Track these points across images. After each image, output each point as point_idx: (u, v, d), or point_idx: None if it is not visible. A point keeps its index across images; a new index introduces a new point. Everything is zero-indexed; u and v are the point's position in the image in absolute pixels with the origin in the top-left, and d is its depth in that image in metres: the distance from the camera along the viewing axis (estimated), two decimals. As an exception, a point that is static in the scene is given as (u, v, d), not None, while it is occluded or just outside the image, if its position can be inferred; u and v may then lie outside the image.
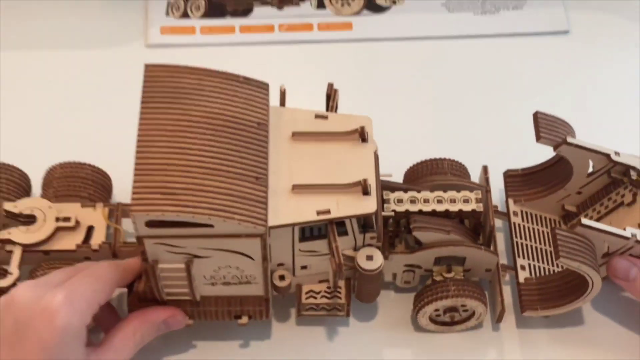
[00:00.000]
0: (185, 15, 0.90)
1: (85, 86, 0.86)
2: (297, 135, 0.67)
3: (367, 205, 0.64)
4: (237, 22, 0.90)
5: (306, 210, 0.64)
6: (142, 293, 0.67)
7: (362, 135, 0.66)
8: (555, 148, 0.70)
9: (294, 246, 0.66)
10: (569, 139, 0.69)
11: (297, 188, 0.64)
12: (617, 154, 0.70)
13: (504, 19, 0.91)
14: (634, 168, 0.69)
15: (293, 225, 0.64)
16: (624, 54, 0.90)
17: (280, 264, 0.68)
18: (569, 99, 0.86)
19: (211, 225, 0.61)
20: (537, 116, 0.70)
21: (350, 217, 0.64)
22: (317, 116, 0.68)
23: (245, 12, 0.91)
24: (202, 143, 0.62)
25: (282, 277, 0.68)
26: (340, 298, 0.70)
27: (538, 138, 0.70)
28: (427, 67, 0.88)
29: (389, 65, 0.88)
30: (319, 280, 0.70)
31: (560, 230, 0.64)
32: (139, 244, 0.63)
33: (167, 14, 0.90)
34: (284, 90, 0.69)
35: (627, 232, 0.65)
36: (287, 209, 0.63)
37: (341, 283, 0.70)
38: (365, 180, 0.64)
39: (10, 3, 0.90)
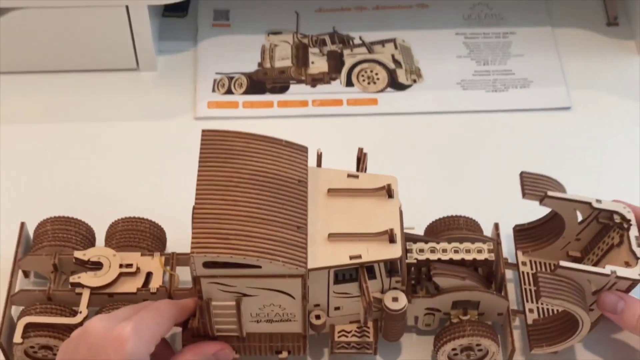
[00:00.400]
0: (229, 91, 1.00)
1: (142, 152, 0.96)
2: (332, 192, 0.77)
3: (393, 251, 0.74)
4: (275, 97, 1.00)
5: (340, 255, 0.73)
6: (195, 329, 0.77)
7: (388, 192, 0.76)
8: (540, 202, 0.79)
9: (329, 288, 0.76)
10: (550, 193, 0.79)
11: (333, 236, 0.74)
12: (598, 201, 0.79)
13: (512, 96, 1.00)
14: (616, 212, 0.78)
15: (329, 268, 0.73)
16: (622, 128, 0.98)
17: (317, 305, 0.77)
18: (569, 168, 0.94)
19: (259, 266, 0.71)
20: (522, 175, 0.80)
21: (378, 262, 0.74)
22: (349, 175, 0.78)
23: (283, 89, 1.01)
24: (250, 196, 0.72)
25: (318, 317, 0.77)
26: (369, 337, 0.79)
27: (524, 195, 0.79)
28: (444, 137, 0.98)
29: (411, 135, 0.97)
30: (350, 321, 0.79)
31: (542, 272, 0.74)
32: (195, 283, 0.72)
33: (214, 90, 1.00)
34: (321, 153, 0.79)
35: (607, 270, 0.74)
36: (323, 254, 0.73)
37: (370, 324, 0.79)
38: (391, 230, 0.74)
39: (77, 79, 1.01)
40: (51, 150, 0.96)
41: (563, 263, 0.74)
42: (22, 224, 0.84)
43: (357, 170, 0.80)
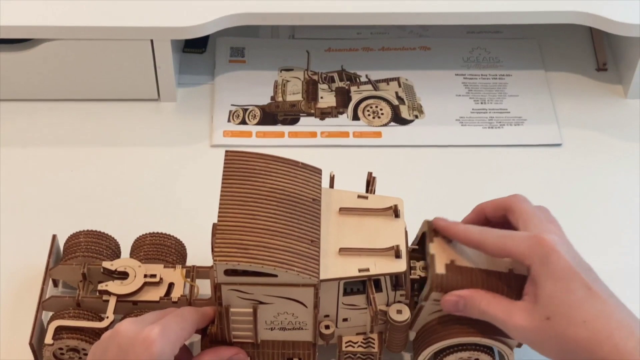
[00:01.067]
0: (243, 122, 1.06)
1: (162, 176, 1.01)
2: (343, 210, 0.83)
3: (399, 266, 0.80)
4: (286, 128, 1.05)
5: (350, 268, 0.79)
6: (213, 335, 0.82)
7: (395, 212, 0.83)
8: None
9: (338, 300, 0.82)
10: None
11: (343, 251, 0.80)
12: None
13: (507, 133, 1.06)
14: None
15: (339, 279, 0.80)
16: (609, 164, 1.04)
17: (326, 315, 0.83)
18: (559, 203, 0.99)
19: (275, 275, 0.77)
20: None
21: (384, 275, 0.81)
22: (359, 196, 0.84)
23: (293, 121, 1.07)
24: (269, 211, 0.79)
25: (327, 327, 0.83)
26: (374, 348, 0.85)
27: None
28: (444, 169, 1.04)
29: (413, 166, 1.03)
30: (356, 332, 0.85)
31: None
32: (216, 290, 0.78)
33: (229, 120, 1.06)
34: (333, 175, 0.85)
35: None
36: (335, 266, 0.79)
37: (374, 335, 0.86)
38: (397, 246, 0.80)
39: (104, 107, 1.08)
40: (78, 171, 1.01)
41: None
42: (54, 236, 0.90)
43: (366, 192, 0.86)
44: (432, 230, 0.83)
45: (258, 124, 1.06)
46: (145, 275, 0.86)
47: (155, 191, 1.00)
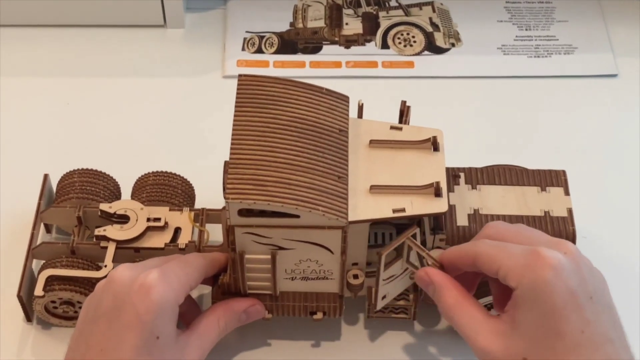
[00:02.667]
0: (259, 50, 0.96)
1: (168, 110, 0.92)
2: (374, 143, 0.72)
3: (439, 205, 0.69)
4: (307, 58, 0.96)
5: (383, 208, 0.69)
6: (226, 285, 0.72)
7: (434, 144, 0.72)
8: None
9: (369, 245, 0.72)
10: None
11: (375, 188, 0.70)
12: None
13: (555, 62, 0.96)
14: None
15: (371, 221, 0.69)
16: None
17: (355, 264, 0.73)
18: (614, 140, 0.91)
19: (297, 216, 0.66)
20: None
21: (423, 216, 0.70)
22: (392, 127, 0.74)
23: (315, 49, 0.97)
24: (289, 143, 0.68)
25: (355, 276, 0.73)
26: (407, 300, 0.75)
27: None
28: (483, 103, 0.94)
29: (449, 100, 0.94)
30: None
31: None
32: (229, 233, 0.68)
33: (243, 49, 0.96)
34: (362, 104, 0.75)
35: None
36: (365, 206, 0.69)
37: (409, 288, 0.75)
38: (437, 183, 0.69)
39: (105, 33, 0.98)
40: (74, 104, 0.93)
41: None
42: (46, 176, 0.80)
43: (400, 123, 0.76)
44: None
45: (276, 52, 0.97)
46: (148, 219, 0.76)
47: (161, 127, 0.92)
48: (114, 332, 0.64)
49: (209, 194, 0.78)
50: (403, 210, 0.69)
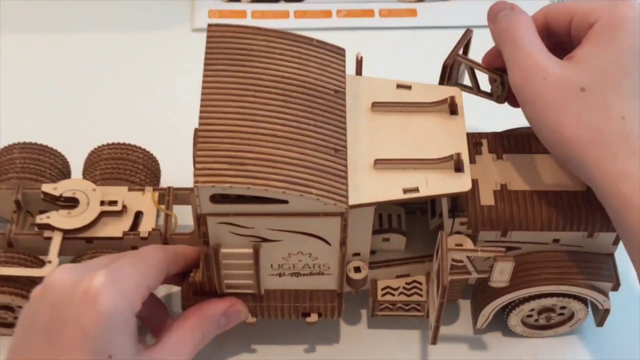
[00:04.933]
0: (235, -1, 0.84)
1: (131, 69, 0.81)
2: (377, 106, 0.59)
3: (461, 183, 0.56)
4: (291, 7, 0.85)
5: (391, 187, 0.56)
6: (199, 285, 0.59)
7: (451, 106, 0.59)
8: None
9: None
10: None
11: (380, 163, 0.56)
12: None
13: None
14: None
15: (377, 203, 0.56)
16: None
17: (356, 254, 0.60)
18: None
19: (285, 201, 0.53)
20: None
21: (442, 196, 0.57)
22: (399, 86, 0.61)
23: (300, -3, 0.85)
24: (273, 109, 0.55)
25: (357, 269, 0.60)
26: (420, 295, 0.62)
27: None
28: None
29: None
30: (396, 275, 0.62)
31: None
32: (200, 223, 0.55)
33: (216, -4, 0.85)
34: (361, 57, 0.61)
35: None
36: (369, 186, 0.56)
37: (421, 278, 0.62)
38: (458, 155, 0.56)
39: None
40: (14, 63, 0.81)
41: None
42: (-23, 151, 0.68)
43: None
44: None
45: (254, 1, 0.86)
46: (103, 203, 0.64)
47: (120, 90, 0.80)
48: (55, 352, 0.51)
49: (177, 169, 0.67)
50: (416, 189, 0.56)
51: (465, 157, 0.57)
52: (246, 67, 0.56)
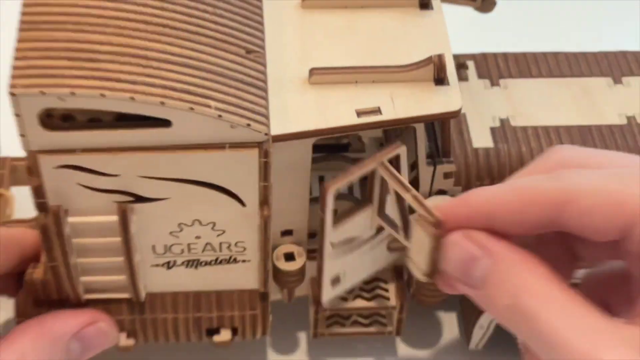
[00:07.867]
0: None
1: None
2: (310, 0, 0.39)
3: (446, 100, 0.36)
4: None
5: (337, 109, 0.35)
6: (40, 287, 0.37)
7: (421, -2, 0.39)
8: None
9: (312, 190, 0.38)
10: None
11: (318, 74, 0.36)
12: None
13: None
14: None
15: (314, 134, 0.35)
16: None
17: (287, 232, 0.39)
18: None
19: (167, 122, 0.32)
20: None
21: (416, 120, 0.36)
22: (344, -28, 0.41)
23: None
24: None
25: (289, 256, 0.39)
26: (387, 299, 0.41)
27: None
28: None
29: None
30: (350, 268, 0.41)
31: None
32: (30, 169, 0.33)
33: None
34: None
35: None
36: (302, 107, 0.35)
37: (387, 275, 0.41)
38: (439, 57, 0.36)
39: None
40: None
41: None
42: None
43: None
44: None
45: None
46: None
47: None
48: None
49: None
50: (377, 111, 0.35)
51: (449, 60, 0.36)
52: None
